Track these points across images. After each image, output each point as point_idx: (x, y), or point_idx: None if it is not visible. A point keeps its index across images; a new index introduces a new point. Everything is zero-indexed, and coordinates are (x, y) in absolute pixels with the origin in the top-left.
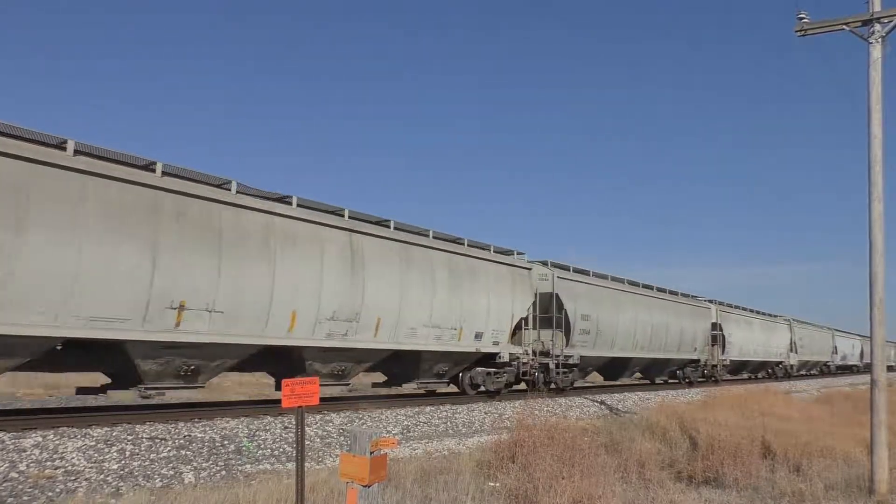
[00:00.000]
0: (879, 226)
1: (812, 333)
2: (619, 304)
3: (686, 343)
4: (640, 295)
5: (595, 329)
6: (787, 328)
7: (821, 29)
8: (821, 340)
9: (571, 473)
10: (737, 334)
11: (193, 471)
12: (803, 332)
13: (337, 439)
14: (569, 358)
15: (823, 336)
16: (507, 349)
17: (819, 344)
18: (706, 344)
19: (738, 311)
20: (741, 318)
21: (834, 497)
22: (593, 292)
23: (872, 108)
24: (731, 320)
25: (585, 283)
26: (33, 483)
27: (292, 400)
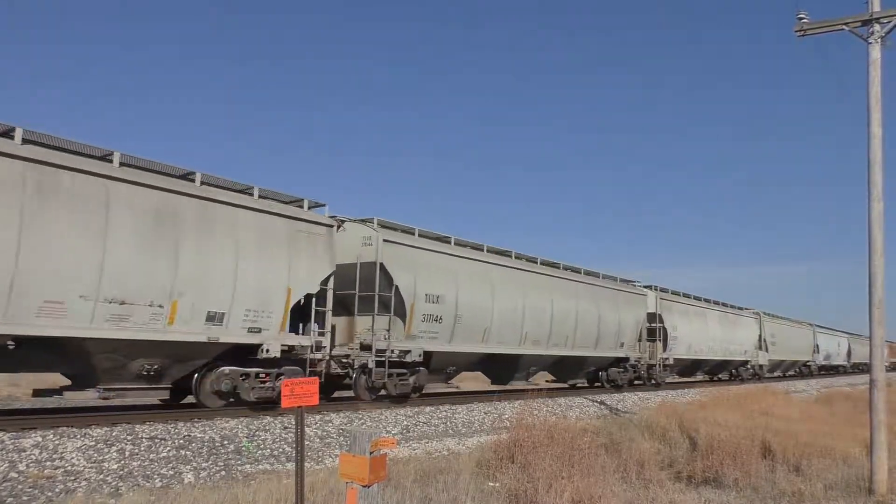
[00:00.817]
0: (879, 226)
1: (787, 329)
2: (495, 283)
3: (608, 337)
4: (534, 273)
5: (452, 315)
6: (756, 322)
7: (820, 29)
8: (799, 337)
9: (571, 473)
10: (683, 328)
11: (193, 471)
12: (776, 327)
13: (336, 439)
14: (406, 354)
15: (802, 333)
16: (276, 340)
17: (796, 341)
18: (638, 339)
19: (687, 301)
20: (690, 308)
21: (833, 497)
22: (450, 265)
23: (872, 107)
24: (675, 311)
25: (436, 252)
26: (33, 483)
27: (292, 400)
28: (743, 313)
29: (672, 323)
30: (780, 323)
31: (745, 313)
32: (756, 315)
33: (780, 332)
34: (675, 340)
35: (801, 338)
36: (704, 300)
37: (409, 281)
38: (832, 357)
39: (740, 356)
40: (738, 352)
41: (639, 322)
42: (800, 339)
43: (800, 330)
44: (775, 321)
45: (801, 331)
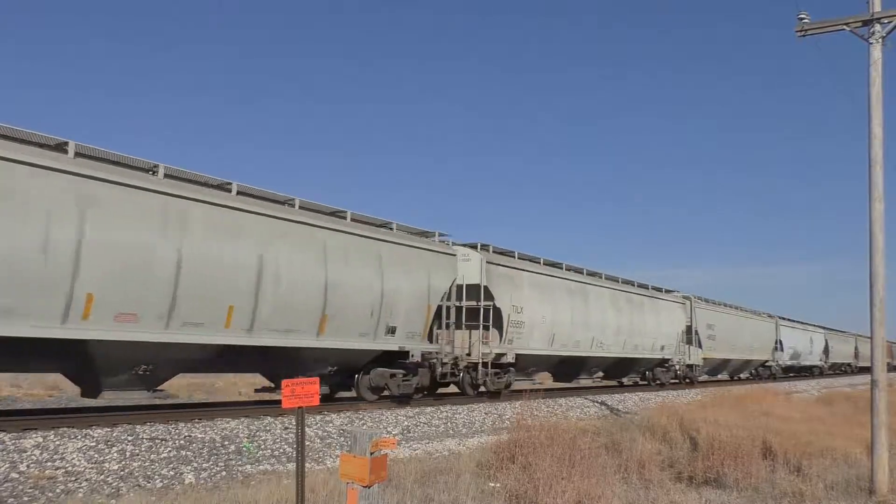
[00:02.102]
0: (880, 226)
1: (733, 320)
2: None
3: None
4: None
5: (531, 324)
6: (683, 309)
7: (821, 29)
8: (752, 331)
9: (571, 474)
10: (540, 313)
11: (194, 471)
12: (716, 316)
13: (337, 440)
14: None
15: (758, 325)
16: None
17: (749, 336)
18: (427, 324)
19: (554, 273)
20: (558, 283)
21: (834, 497)
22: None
23: (873, 107)
24: (522, 284)
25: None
26: (34, 483)
27: (292, 400)
28: (662, 296)
29: (514, 302)
30: (721, 311)
31: (669, 297)
32: (686, 300)
33: (722, 324)
34: (519, 327)
35: (757, 331)
36: (598, 275)
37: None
38: (802, 356)
39: (656, 352)
40: (651, 346)
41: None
42: (755, 333)
43: (754, 322)
44: (716, 310)
45: (757, 323)
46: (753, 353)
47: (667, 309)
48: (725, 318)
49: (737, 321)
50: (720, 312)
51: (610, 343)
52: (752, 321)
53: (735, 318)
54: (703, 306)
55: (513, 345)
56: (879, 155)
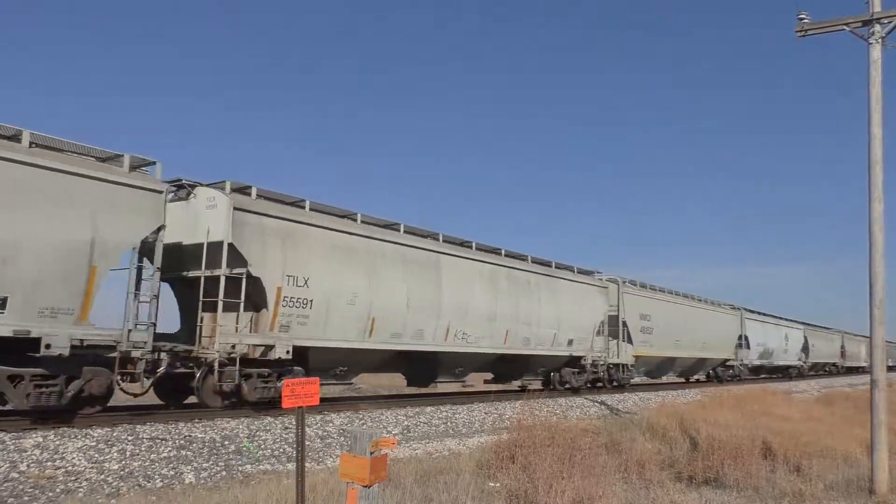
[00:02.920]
0: (879, 226)
1: (681, 311)
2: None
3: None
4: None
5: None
6: (604, 296)
7: (821, 29)
8: (709, 325)
9: (572, 474)
10: (345, 288)
11: (194, 471)
12: (654, 305)
13: (337, 439)
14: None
15: (716, 318)
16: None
17: (703, 330)
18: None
19: (375, 235)
20: (385, 249)
21: (834, 497)
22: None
23: (872, 107)
24: (311, 246)
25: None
26: (34, 483)
27: (293, 400)
28: (569, 276)
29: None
30: (661, 300)
31: (574, 276)
32: (609, 283)
33: (662, 314)
34: (308, 307)
35: (714, 325)
36: (443, 240)
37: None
38: (775, 354)
39: (556, 348)
40: (548, 340)
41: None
42: (710, 326)
43: (711, 314)
44: (651, 296)
45: (712, 315)
46: (709, 350)
47: (578, 293)
48: (668, 307)
49: (684, 312)
50: (660, 301)
51: (480, 335)
52: (707, 313)
53: (681, 309)
54: (634, 292)
55: (290, 333)
56: (879, 155)
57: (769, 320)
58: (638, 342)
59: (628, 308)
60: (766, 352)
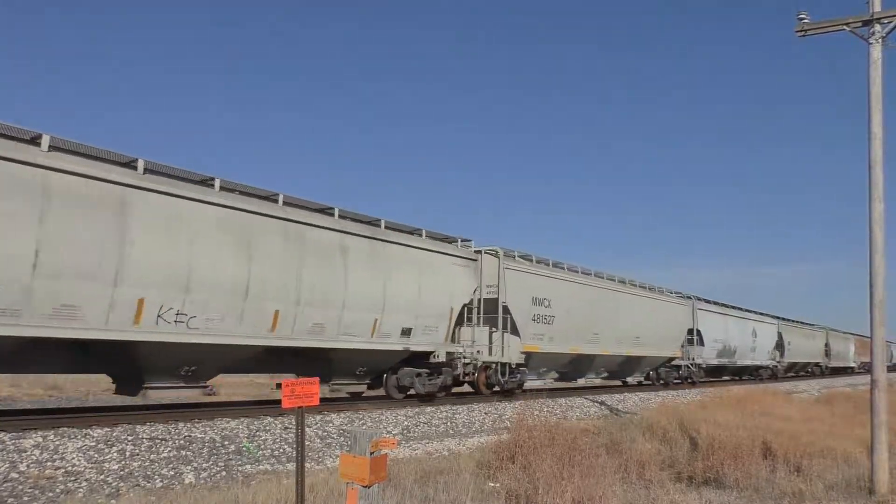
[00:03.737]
0: (880, 226)
1: (598, 296)
2: (585, 297)
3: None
4: (605, 290)
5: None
6: (470, 274)
7: (821, 29)
8: (646, 316)
9: (571, 474)
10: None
11: (194, 471)
12: (555, 288)
13: (337, 440)
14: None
15: (656, 308)
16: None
17: (634, 323)
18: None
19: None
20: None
21: (834, 497)
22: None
23: (872, 107)
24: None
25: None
26: (33, 483)
27: (292, 400)
28: (396, 237)
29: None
30: (566, 280)
31: (422, 242)
32: (477, 255)
33: (566, 299)
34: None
35: (653, 317)
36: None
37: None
38: (739, 352)
39: (381, 341)
40: (368, 328)
41: None
42: (647, 318)
43: (646, 301)
44: (550, 274)
45: (649, 303)
46: (644, 346)
47: (425, 265)
48: (576, 291)
49: (604, 298)
50: (564, 282)
51: (220, 315)
52: (641, 301)
53: (599, 294)
54: (523, 268)
55: None
56: (879, 155)
57: (732, 313)
58: (530, 335)
59: (514, 289)
60: (727, 349)
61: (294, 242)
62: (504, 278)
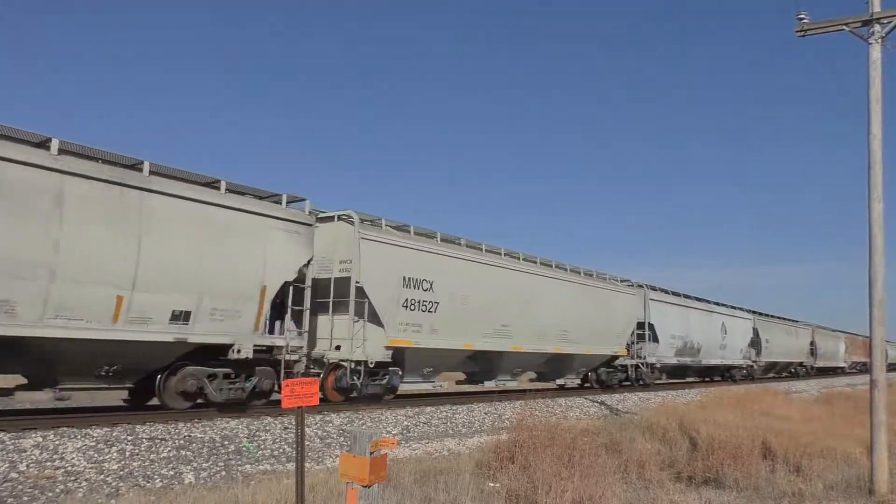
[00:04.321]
0: (879, 226)
1: (506, 280)
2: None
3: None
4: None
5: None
6: (301, 238)
7: (821, 29)
8: (577, 307)
9: (571, 474)
10: None
11: (193, 471)
12: (441, 268)
13: (337, 440)
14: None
15: (596, 298)
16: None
17: (558, 314)
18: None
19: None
20: None
21: (834, 497)
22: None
23: (872, 108)
24: None
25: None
26: (33, 483)
27: (292, 400)
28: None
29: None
30: (454, 256)
31: (179, 189)
32: (312, 217)
33: (458, 282)
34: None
35: (583, 306)
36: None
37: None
38: (705, 350)
39: (136, 329)
40: (106, 311)
41: None
42: (575, 307)
43: (580, 289)
44: (432, 249)
45: (585, 291)
46: (576, 343)
47: (217, 228)
48: (474, 273)
49: (515, 283)
50: (454, 259)
51: None
52: (570, 287)
53: (508, 277)
54: (386, 239)
55: None
56: (879, 155)
57: (695, 305)
58: (399, 325)
59: (375, 266)
60: (690, 347)
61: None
62: (361, 252)
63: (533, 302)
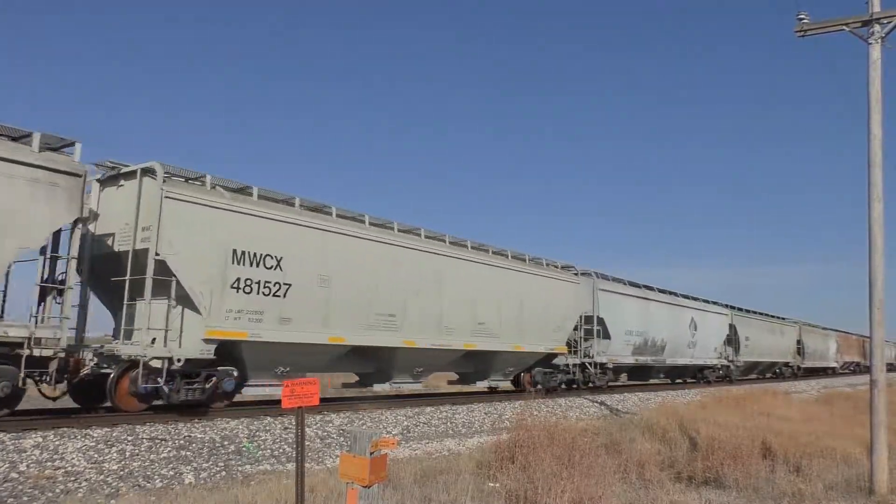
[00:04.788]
0: (879, 226)
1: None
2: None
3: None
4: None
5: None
6: (57, 197)
7: (821, 29)
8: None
9: (571, 474)
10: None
11: (193, 471)
12: (293, 239)
13: (337, 440)
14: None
15: (525, 285)
16: None
17: (470, 306)
18: None
19: None
20: None
21: (834, 497)
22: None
23: (872, 108)
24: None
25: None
26: (33, 483)
27: (292, 400)
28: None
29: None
30: (332, 230)
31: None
32: (80, 168)
33: (338, 261)
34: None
35: (517, 295)
36: None
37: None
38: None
39: None
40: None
41: None
42: (506, 297)
43: (511, 275)
44: (276, 214)
45: (515, 278)
46: (498, 338)
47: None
48: (344, 248)
49: (406, 263)
50: (313, 230)
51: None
52: (487, 271)
53: (396, 254)
54: (206, 200)
55: None
56: (879, 155)
57: (657, 297)
58: (227, 312)
59: (185, 235)
60: (652, 345)
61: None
62: (163, 214)
63: (433, 288)
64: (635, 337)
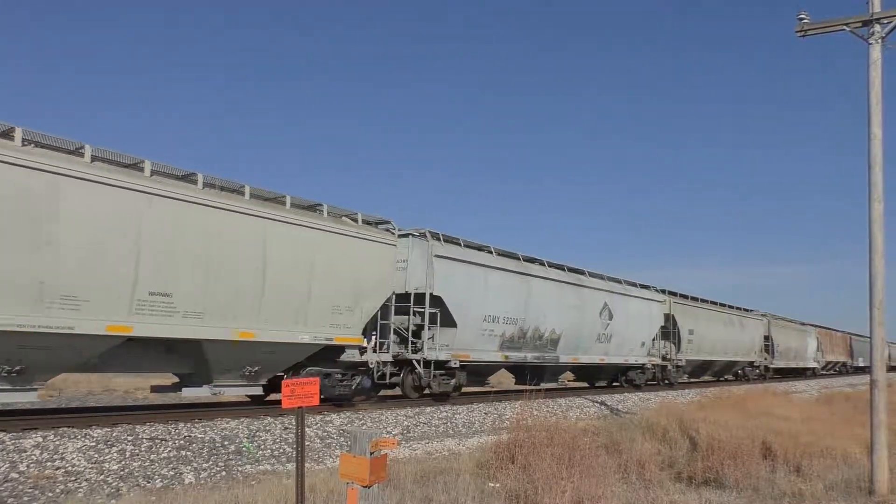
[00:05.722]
0: (879, 226)
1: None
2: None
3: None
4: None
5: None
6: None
7: (821, 29)
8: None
9: (571, 474)
10: None
11: (193, 471)
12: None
13: (337, 440)
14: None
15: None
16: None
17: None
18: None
19: None
20: None
21: (834, 497)
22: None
23: (872, 108)
24: None
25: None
26: (33, 483)
27: (292, 401)
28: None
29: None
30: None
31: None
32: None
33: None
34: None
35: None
36: None
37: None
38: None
39: None
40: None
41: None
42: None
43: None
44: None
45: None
46: (265, 323)
47: None
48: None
49: (170, 221)
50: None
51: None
52: (272, 229)
53: (163, 208)
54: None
55: None
56: (879, 155)
57: (545, 274)
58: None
59: None
60: (534, 337)
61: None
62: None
63: (215, 256)
64: (504, 325)
